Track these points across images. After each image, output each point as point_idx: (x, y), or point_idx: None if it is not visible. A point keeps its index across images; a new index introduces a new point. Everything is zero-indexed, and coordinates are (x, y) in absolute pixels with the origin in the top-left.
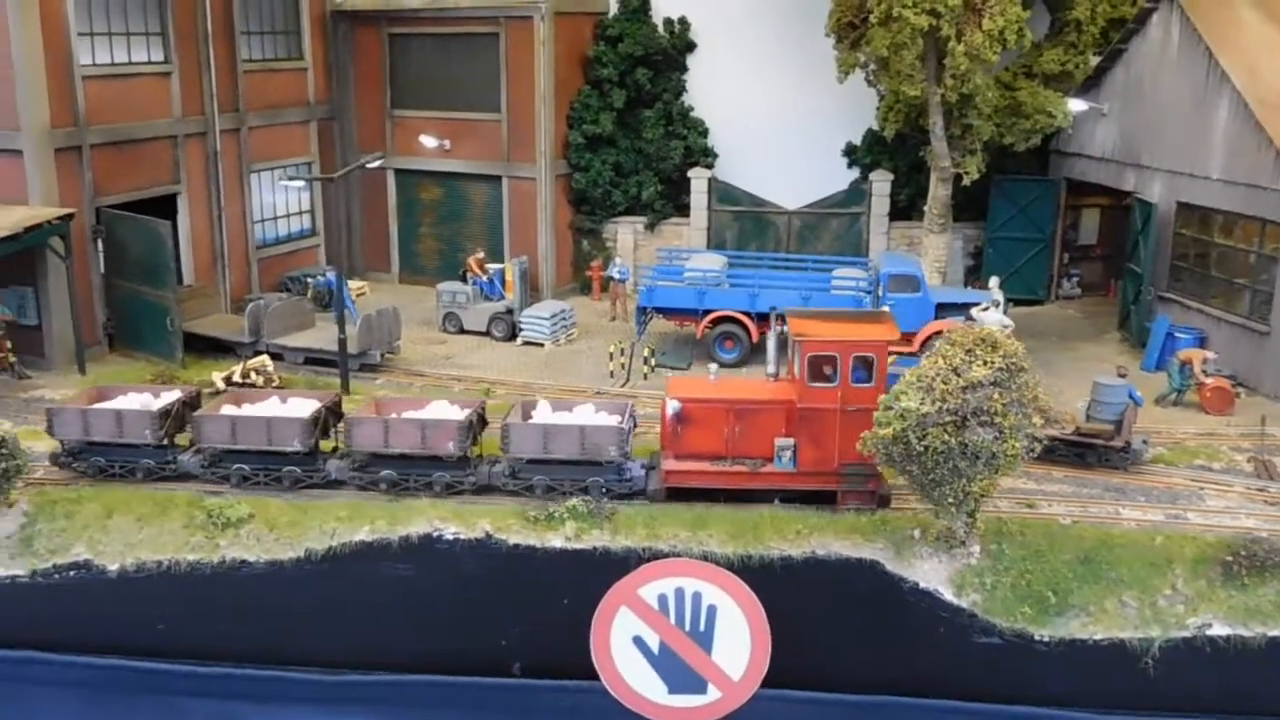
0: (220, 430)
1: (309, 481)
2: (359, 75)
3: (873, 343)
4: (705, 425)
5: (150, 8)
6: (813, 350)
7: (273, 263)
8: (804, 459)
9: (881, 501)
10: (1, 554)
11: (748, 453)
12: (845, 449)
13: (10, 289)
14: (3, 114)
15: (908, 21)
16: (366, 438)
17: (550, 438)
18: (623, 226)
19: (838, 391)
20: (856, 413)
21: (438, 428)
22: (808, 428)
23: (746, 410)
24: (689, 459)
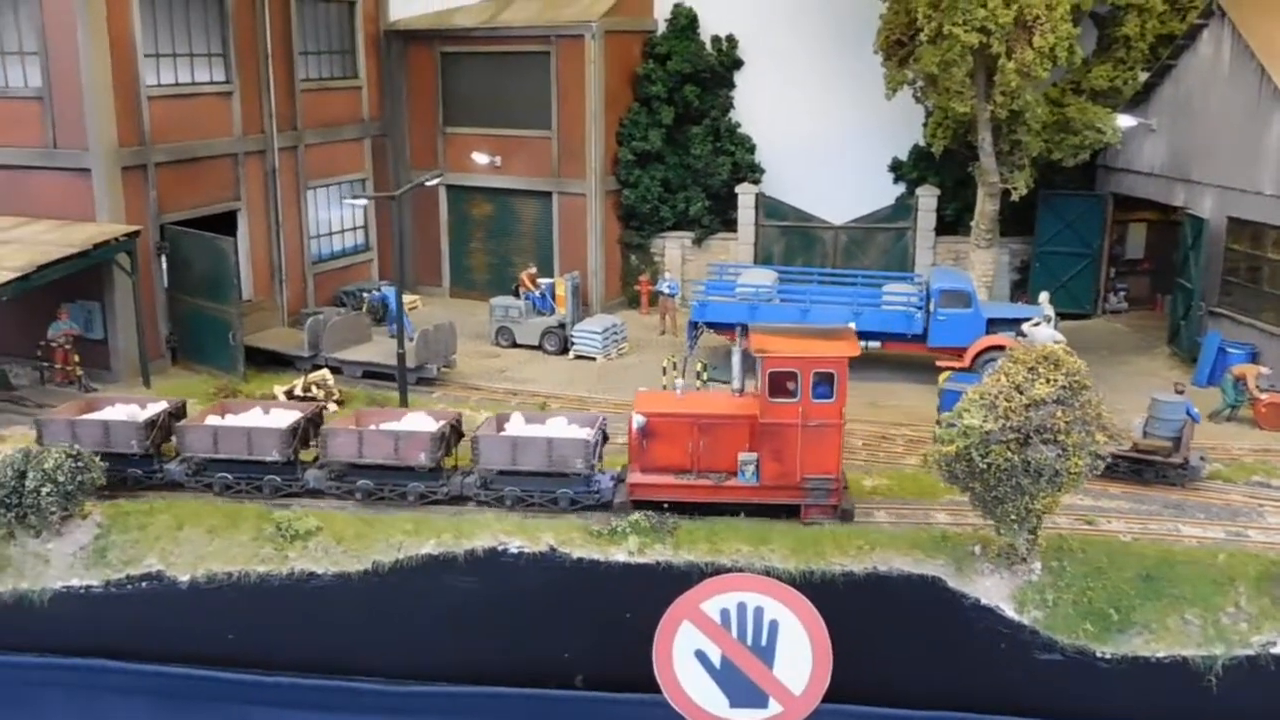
0: (203, 440)
1: (288, 490)
2: (412, 93)
3: (833, 359)
4: (670, 439)
5: (213, 29)
6: (773, 366)
7: (328, 277)
8: (767, 473)
9: (844, 515)
10: (76, 564)
11: (712, 467)
12: (807, 463)
13: (77, 303)
14: (72, 134)
15: (958, 39)
16: (341, 448)
17: (519, 450)
18: (670, 242)
19: (799, 407)
20: (818, 428)
21: (410, 439)
22: (770, 443)
23: (710, 425)
24: (654, 472)
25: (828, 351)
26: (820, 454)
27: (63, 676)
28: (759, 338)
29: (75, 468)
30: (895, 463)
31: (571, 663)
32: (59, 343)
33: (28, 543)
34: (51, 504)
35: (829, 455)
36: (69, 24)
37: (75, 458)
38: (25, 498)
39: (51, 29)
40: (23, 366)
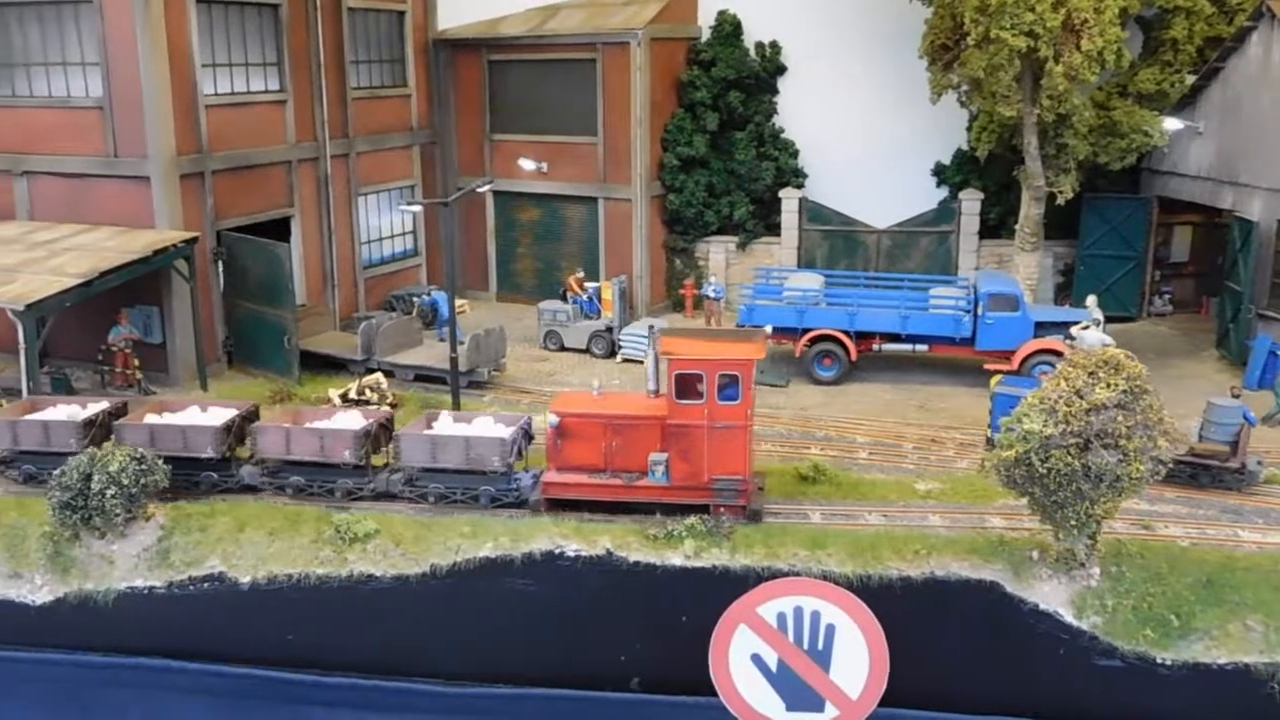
0: (139, 438)
1: (224, 486)
2: (459, 101)
3: (738, 361)
4: (584, 439)
5: (268, 39)
6: (679, 368)
7: (378, 282)
8: (676, 473)
9: (752, 516)
10: (140, 566)
11: (624, 466)
12: (714, 464)
13: (137, 308)
14: (132, 143)
15: (1005, 43)
16: (270, 445)
17: (438, 448)
18: (715, 246)
19: (704, 409)
20: (724, 429)
21: (335, 437)
22: (678, 443)
23: (622, 425)
24: (569, 471)
25: (733, 354)
26: (727, 455)
27: (126, 676)
28: (668, 340)
29: (139, 470)
30: (947, 466)
31: (627, 665)
32: (119, 347)
33: (93, 544)
34: (116, 506)
35: (736, 456)
36: (129, 35)
37: (139, 460)
38: (91, 500)
39: (112, 40)
40: (84, 370)
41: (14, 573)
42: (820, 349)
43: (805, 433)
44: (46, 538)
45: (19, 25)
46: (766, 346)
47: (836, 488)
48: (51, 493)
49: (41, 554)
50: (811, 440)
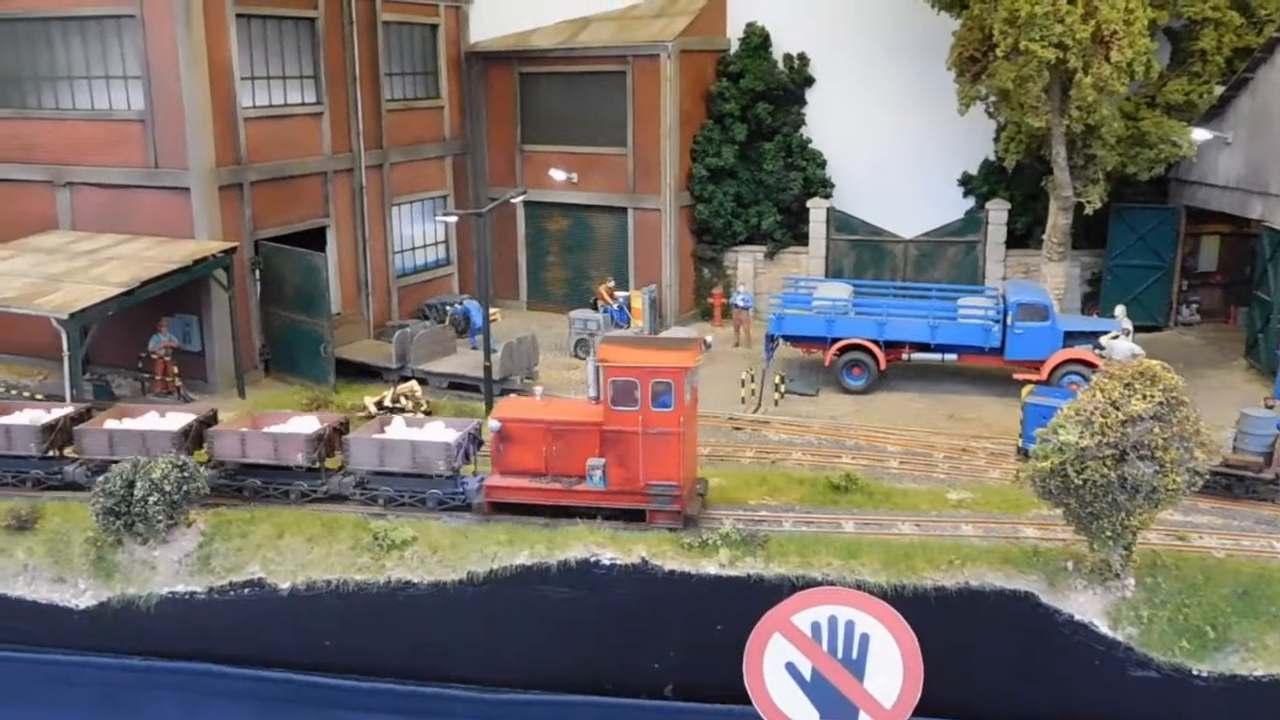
0: (99, 443)
1: None
2: (491, 112)
3: (671, 369)
4: (525, 444)
5: (304, 53)
6: (614, 375)
7: (410, 291)
8: (613, 478)
9: (687, 521)
10: (181, 571)
11: (564, 471)
12: (649, 469)
13: (176, 317)
14: (173, 154)
15: (1034, 55)
16: (226, 449)
17: (386, 452)
18: (743, 255)
19: (639, 415)
20: (658, 435)
21: (288, 441)
22: (614, 449)
23: (562, 431)
24: (512, 475)
25: (666, 362)
26: (662, 461)
27: (167, 679)
28: (605, 348)
29: (181, 477)
30: (979, 476)
31: (661, 673)
32: (159, 354)
33: (135, 550)
34: (158, 512)
35: (670, 462)
36: (171, 49)
37: (181, 468)
38: (134, 506)
39: (154, 54)
40: (124, 377)
41: (58, 577)
42: (849, 358)
43: (836, 441)
44: (90, 543)
45: (62, 39)
46: (701, 356)
47: (869, 497)
48: (95, 499)
49: (85, 559)
50: (842, 449)
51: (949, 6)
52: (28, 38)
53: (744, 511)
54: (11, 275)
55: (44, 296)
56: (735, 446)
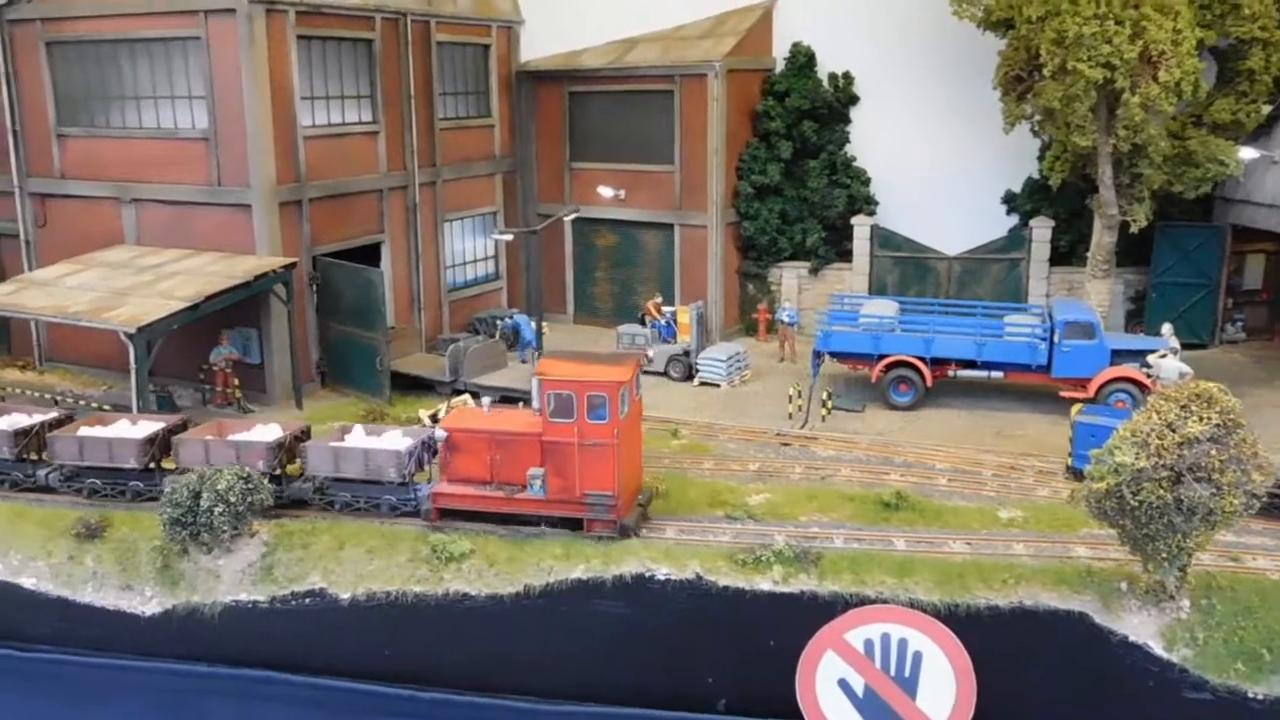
0: (70, 449)
1: (147, 494)
2: (540, 130)
3: (605, 383)
4: (470, 453)
5: (362, 73)
6: (551, 388)
7: (461, 305)
8: (552, 487)
9: (623, 531)
10: (244, 580)
11: (507, 479)
12: (585, 479)
13: (237, 330)
14: (235, 172)
15: (1082, 74)
16: (190, 457)
17: (340, 459)
18: (787, 271)
19: (574, 427)
20: (593, 447)
21: (249, 449)
22: (553, 459)
23: (504, 441)
24: (458, 483)
25: (601, 376)
26: (598, 471)
27: (230, 686)
28: (544, 362)
29: (246, 489)
30: (1028, 494)
31: (714, 688)
32: (220, 366)
33: (200, 559)
34: (223, 523)
35: (605, 473)
36: (234, 70)
37: (246, 479)
38: (199, 517)
39: (218, 75)
40: (185, 388)
41: (126, 584)
42: (896, 375)
43: (884, 458)
44: (157, 552)
45: (130, 61)
46: (637, 370)
47: (919, 515)
48: (163, 509)
49: (151, 567)
50: (891, 466)
51: (994, 26)
52: (96, 60)
53: (688, 522)
54: (81, 289)
55: (112, 310)
56: (784, 462)
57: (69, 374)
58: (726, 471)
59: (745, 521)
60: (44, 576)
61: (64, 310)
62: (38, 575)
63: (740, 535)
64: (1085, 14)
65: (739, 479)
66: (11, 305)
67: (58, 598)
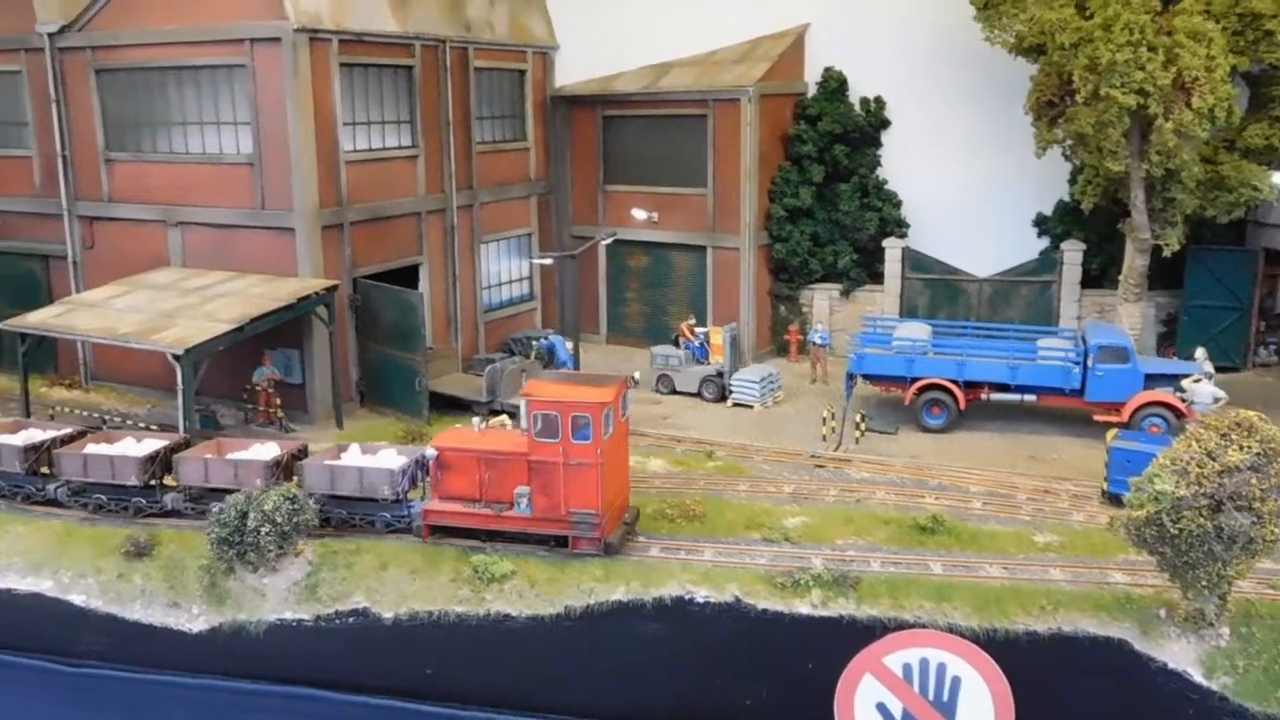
0: (75, 465)
1: (149, 510)
2: (574, 153)
3: (589, 404)
4: (460, 471)
5: (402, 99)
6: (537, 409)
7: (496, 325)
8: (538, 505)
9: (607, 549)
10: (290, 599)
11: (496, 497)
12: (570, 498)
13: (279, 350)
14: (279, 196)
15: (1115, 100)
16: (190, 474)
17: (336, 477)
18: (818, 293)
19: (560, 446)
20: (577, 466)
21: (247, 467)
22: (539, 478)
23: (493, 460)
24: (449, 500)
25: (585, 398)
26: (582, 490)
27: (274, 703)
28: (532, 384)
29: (292, 510)
30: (1063, 519)
31: (753, 710)
32: (262, 386)
33: (246, 577)
34: (270, 543)
35: (589, 492)
36: (279, 97)
37: (292, 500)
38: (246, 536)
39: (263, 101)
40: (228, 407)
41: (173, 602)
42: (929, 397)
43: (918, 481)
44: (204, 570)
45: (177, 87)
46: (622, 392)
47: (955, 538)
48: (211, 528)
49: (199, 585)
50: (925, 489)
51: (1026, 52)
52: (144, 86)
53: (726, 544)
54: (129, 311)
55: (160, 332)
56: (819, 484)
57: (114, 393)
58: (762, 493)
59: (782, 544)
60: (93, 593)
61: (113, 332)
62: (87, 592)
63: (777, 558)
64: (1119, 41)
65: (774, 501)
66: (62, 326)
67: (107, 614)
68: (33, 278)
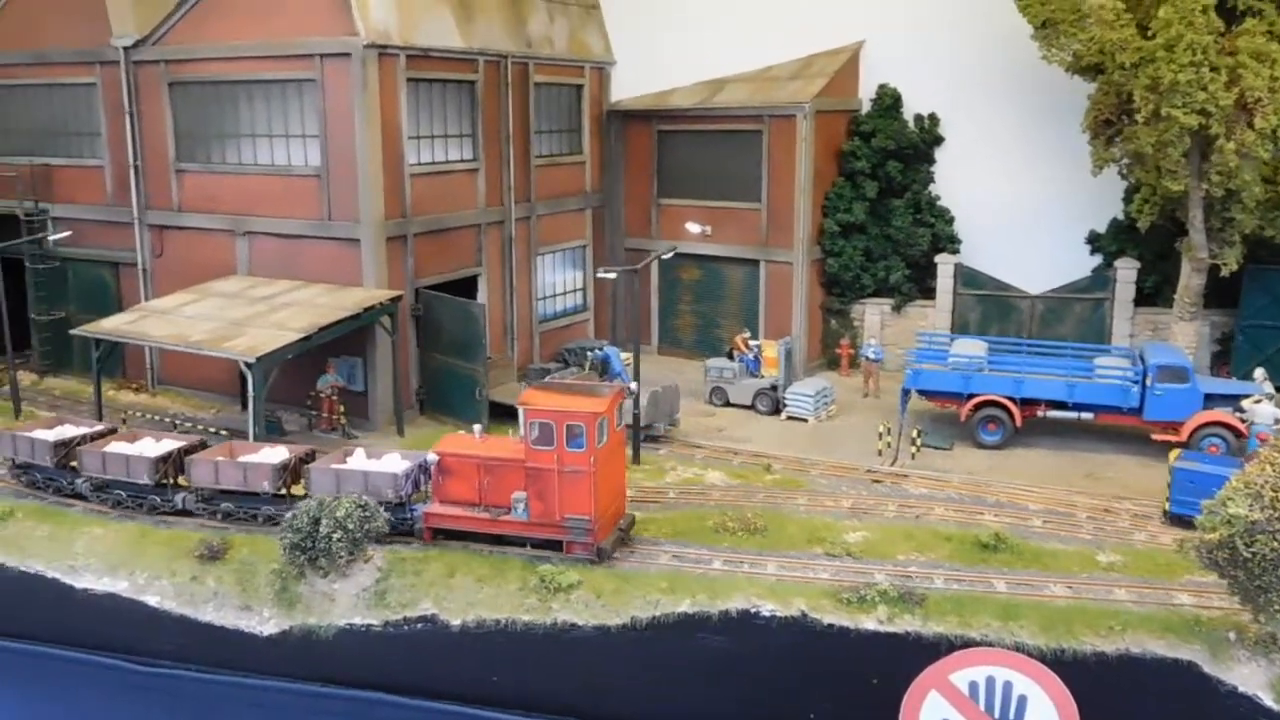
0: (95, 464)
1: (161, 509)
2: (629, 167)
3: (583, 413)
4: (461, 476)
5: (464, 113)
6: (533, 417)
7: (550, 335)
8: (533, 511)
9: (600, 554)
10: (359, 604)
11: (494, 502)
12: (565, 504)
13: (342, 358)
14: (345, 208)
15: (1176, 120)
16: (202, 476)
17: (342, 480)
18: (870, 307)
19: (554, 454)
20: (572, 473)
21: (255, 469)
22: (534, 484)
23: (491, 466)
24: (449, 504)
25: (579, 407)
26: (576, 496)
27: (341, 706)
28: (528, 392)
29: (363, 517)
30: (1125, 539)
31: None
32: (326, 394)
33: (317, 583)
34: (341, 549)
35: (583, 498)
36: (347, 111)
37: (363, 508)
38: (318, 542)
39: (332, 115)
40: (291, 414)
41: (245, 605)
42: (985, 414)
43: (976, 498)
44: (276, 574)
45: (247, 101)
46: (618, 402)
47: (1018, 557)
48: (284, 534)
49: (270, 589)
50: (984, 506)
51: (1084, 71)
52: (215, 99)
53: (788, 558)
54: (199, 319)
55: (231, 340)
56: (876, 499)
57: (179, 397)
58: (820, 507)
59: (844, 559)
60: (167, 595)
61: (185, 339)
62: (161, 594)
63: (840, 573)
64: (1181, 61)
65: (833, 515)
66: (136, 333)
67: (179, 616)
68: (103, 284)
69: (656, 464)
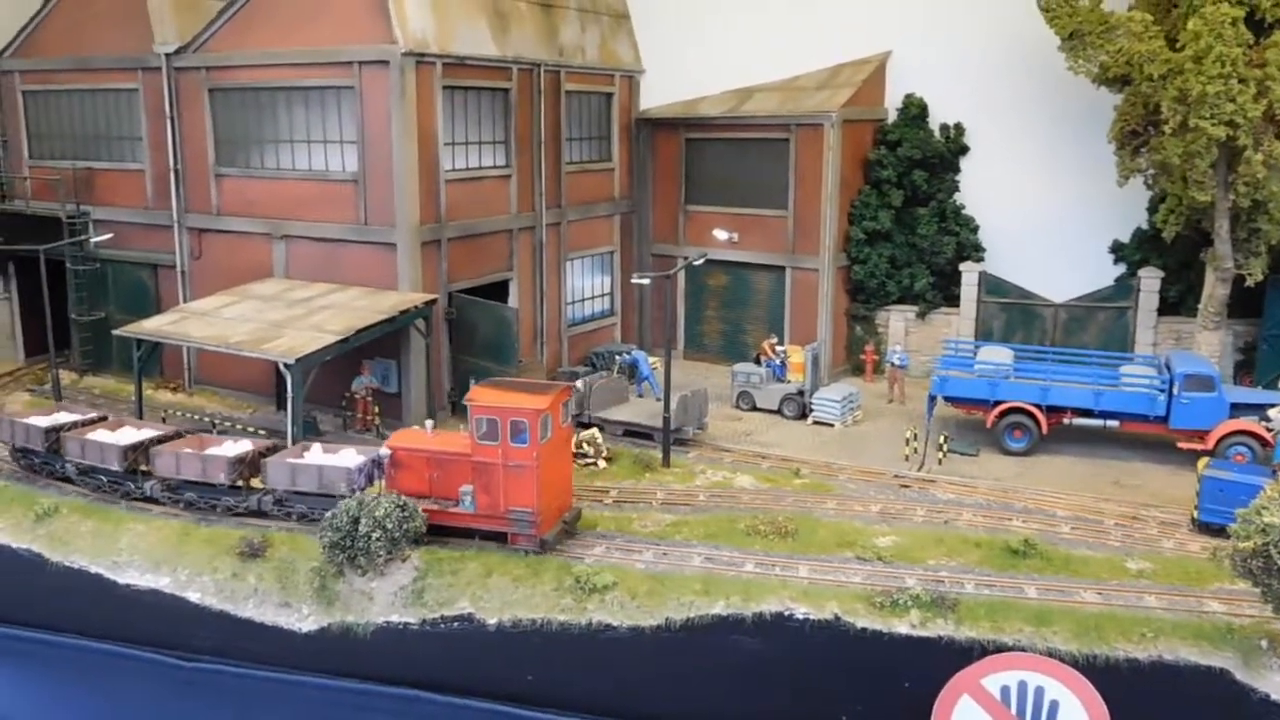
0: (76, 449)
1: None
2: (657, 174)
3: (527, 410)
4: (412, 470)
5: (498, 120)
6: (479, 413)
7: (578, 339)
8: (480, 503)
9: (543, 545)
10: (396, 603)
11: (444, 495)
12: (509, 497)
13: (377, 360)
14: (382, 213)
15: (1204, 132)
16: (164, 467)
17: (297, 474)
18: (894, 314)
19: (499, 449)
20: (515, 468)
21: (213, 461)
22: (480, 477)
23: (441, 460)
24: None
25: (523, 404)
26: (519, 490)
27: (379, 702)
28: (476, 389)
29: (402, 516)
30: (1153, 546)
31: None
32: (361, 395)
33: (355, 581)
34: (380, 548)
35: (526, 491)
36: (384, 118)
37: (402, 507)
38: (357, 541)
39: (369, 121)
40: (326, 414)
41: (284, 602)
42: (1011, 421)
43: (1004, 504)
44: (315, 572)
45: (286, 107)
46: (563, 400)
47: (1048, 563)
48: (323, 533)
49: (309, 587)
50: (1011, 512)
51: (1110, 82)
52: (255, 105)
53: (819, 561)
54: (239, 320)
55: (270, 342)
56: (905, 504)
57: (216, 396)
58: (850, 512)
59: (875, 563)
60: (209, 591)
61: (225, 340)
62: (203, 590)
63: (871, 577)
64: (1210, 73)
65: (863, 519)
66: (177, 334)
67: (220, 611)
68: (142, 285)
69: (686, 467)
